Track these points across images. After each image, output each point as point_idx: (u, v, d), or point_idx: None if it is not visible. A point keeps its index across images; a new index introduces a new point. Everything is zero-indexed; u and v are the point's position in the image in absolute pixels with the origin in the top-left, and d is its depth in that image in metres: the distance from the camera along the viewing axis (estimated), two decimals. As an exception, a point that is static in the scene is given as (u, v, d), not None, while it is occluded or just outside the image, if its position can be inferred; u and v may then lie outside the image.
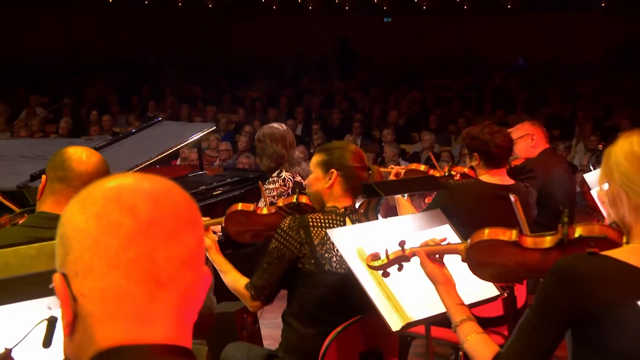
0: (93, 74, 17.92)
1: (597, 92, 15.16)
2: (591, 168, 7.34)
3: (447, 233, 3.12)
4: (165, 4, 20.38)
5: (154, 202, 1.09)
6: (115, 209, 1.07)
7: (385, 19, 20.96)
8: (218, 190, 5.79)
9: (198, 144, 6.80)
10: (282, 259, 3.17)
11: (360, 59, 19.68)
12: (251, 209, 3.59)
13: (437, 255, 2.38)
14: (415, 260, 2.44)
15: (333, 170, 3.28)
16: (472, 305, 3.06)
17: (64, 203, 1.17)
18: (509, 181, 4.26)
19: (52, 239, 1.12)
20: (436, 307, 2.68)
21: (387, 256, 2.50)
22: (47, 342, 1.15)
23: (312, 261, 3.15)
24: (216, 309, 4.51)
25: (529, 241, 2.17)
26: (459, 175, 4.54)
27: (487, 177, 4.18)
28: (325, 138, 11.25)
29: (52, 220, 2.00)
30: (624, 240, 1.98)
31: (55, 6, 18.96)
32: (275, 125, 5.45)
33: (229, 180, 6.02)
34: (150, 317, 1.06)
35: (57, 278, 1.07)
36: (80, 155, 2.68)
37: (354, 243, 2.91)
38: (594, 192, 4.21)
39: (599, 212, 4.08)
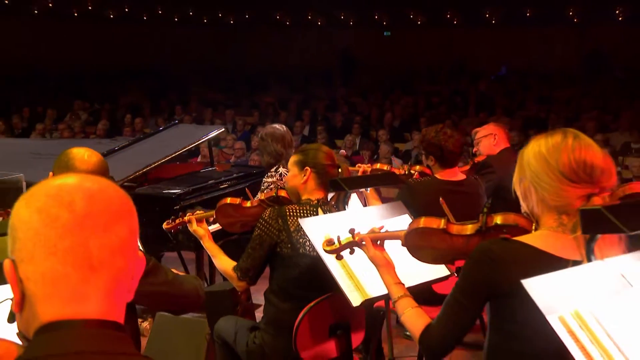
0: (128, 82, 18.03)
1: (569, 97, 15.08)
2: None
3: (406, 222, 3.15)
4: (192, 21, 20.51)
5: (89, 198, 1.12)
6: (54, 204, 1.10)
7: (385, 33, 20.93)
8: (225, 184, 5.85)
9: (210, 144, 6.85)
10: (263, 245, 3.21)
11: (361, 68, 19.63)
12: (237, 202, 3.64)
13: (378, 241, 2.42)
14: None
15: (307, 168, 3.33)
16: (427, 283, 3.11)
17: None
18: (461, 177, 4.32)
19: None
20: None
21: (340, 242, 2.54)
22: (11, 318, 1.21)
23: (289, 246, 3.19)
24: (215, 287, 4.58)
25: (454, 228, 2.20)
26: (417, 173, 4.59)
27: (442, 175, 4.27)
28: (328, 137, 11.24)
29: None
30: (534, 227, 2.02)
31: (96, 22, 19.12)
32: (277, 126, 5.42)
33: (234, 175, 6.07)
34: (84, 297, 1.10)
35: (6, 263, 1.12)
36: (82, 156, 2.72)
37: (323, 231, 2.94)
38: None
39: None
